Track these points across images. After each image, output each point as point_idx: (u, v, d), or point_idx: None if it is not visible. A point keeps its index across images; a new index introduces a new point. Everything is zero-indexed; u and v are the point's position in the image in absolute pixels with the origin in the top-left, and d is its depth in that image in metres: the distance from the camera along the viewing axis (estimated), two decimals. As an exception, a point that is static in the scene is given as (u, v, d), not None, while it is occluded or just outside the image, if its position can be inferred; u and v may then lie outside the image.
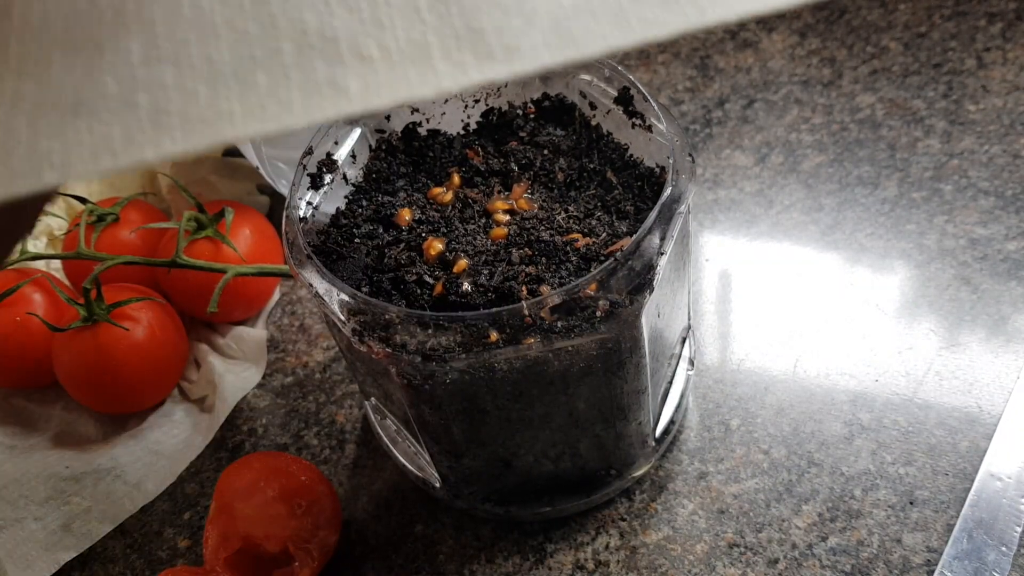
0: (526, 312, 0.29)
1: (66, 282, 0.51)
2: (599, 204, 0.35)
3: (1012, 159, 0.49)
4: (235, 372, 0.48)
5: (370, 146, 0.39)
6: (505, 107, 0.40)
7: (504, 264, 0.33)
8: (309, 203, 0.36)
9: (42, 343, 0.46)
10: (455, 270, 0.33)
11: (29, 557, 0.42)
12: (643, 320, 0.32)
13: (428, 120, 0.40)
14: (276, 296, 0.53)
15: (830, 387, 0.43)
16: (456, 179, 0.37)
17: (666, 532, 0.39)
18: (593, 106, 0.38)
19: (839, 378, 0.43)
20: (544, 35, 0.15)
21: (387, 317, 0.30)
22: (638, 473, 0.40)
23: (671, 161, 0.33)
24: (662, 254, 0.31)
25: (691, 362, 0.42)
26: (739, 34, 0.60)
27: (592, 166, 0.37)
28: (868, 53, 0.56)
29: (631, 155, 0.37)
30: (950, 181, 0.49)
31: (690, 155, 0.34)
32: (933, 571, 0.36)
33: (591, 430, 0.36)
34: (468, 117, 0.40)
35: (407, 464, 0.41)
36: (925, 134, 0.51)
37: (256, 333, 0.49)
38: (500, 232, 0.34)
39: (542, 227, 0.34)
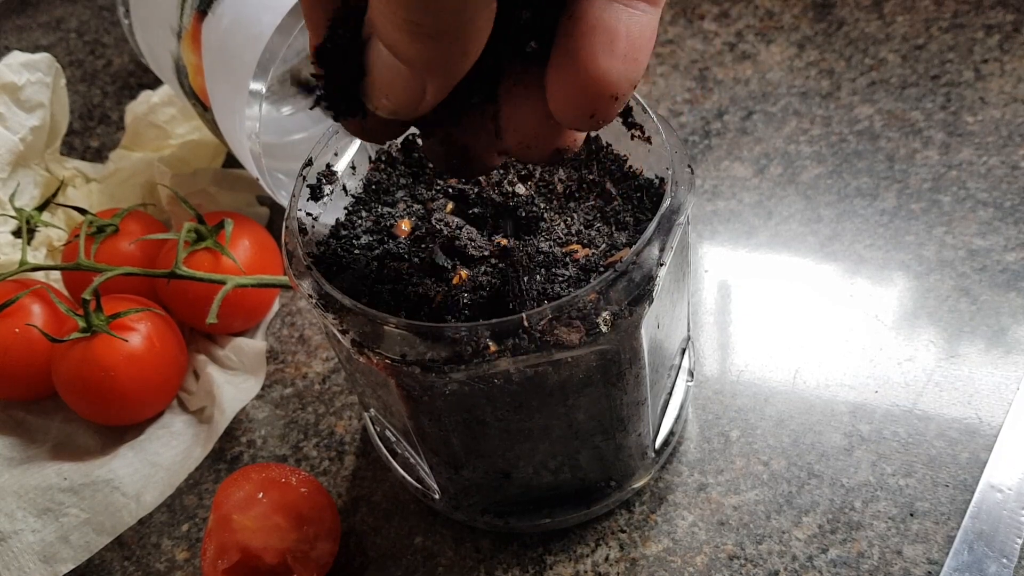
0: (525, 323, 0.29)
1: (65, 293, 0.51)
2: (598, 215, 0.35)
3: (1010, 170, 0.49)
4: (234, 383, 0.48)
5: (370, 157, 0.39)
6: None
7: (504, 275, 0.33)
8: (309, 214, 0.36)
9: (41, 354, 0.46)
10: (454, 281, 0.33)
11: (26, 569, 0.42)
12: (642, 331, 0.32)
13: (428, 131, 0.40)
14: (275, 307, 0.53)
15: (830, 398, 0.42)
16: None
17: (666, 544, 0.39)
18: (592, 118, 0.38)
19: (839, 389, 0.43)
20: None
21: (387, 328, 0.30)
22: (638, 485, 0.40)
23: (670, 172, 0.33)
24: (661, 265, 0.31)
25: (691, 373, 0.42)
26: (737, 46, 0.60)
27: (591, 177, 0.37)
28: (866, 65, 0.56)
29: (630, 166, 0.37)
30: (949, 192, 0.49)
31: (689, 166, 0.34)
32: (934, 583, 0.36)
33: (590, 441, 0.35)
34: (468, 128, 0.40)
35: (406, 475, 0.41)
36: (923, 145, 0.51)
37: (255, 344, 0.49)
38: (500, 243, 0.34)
39: (541, 238, 0.34)
